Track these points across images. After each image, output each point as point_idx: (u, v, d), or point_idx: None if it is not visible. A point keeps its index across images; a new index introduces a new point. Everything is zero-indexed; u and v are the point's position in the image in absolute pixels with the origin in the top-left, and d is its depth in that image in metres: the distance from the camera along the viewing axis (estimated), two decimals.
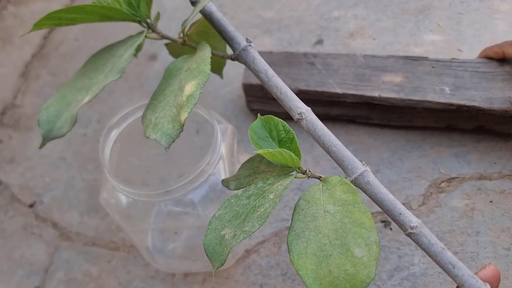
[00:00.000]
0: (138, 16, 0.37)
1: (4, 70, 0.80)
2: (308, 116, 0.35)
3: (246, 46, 0.36)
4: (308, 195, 0.33)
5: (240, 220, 0.32)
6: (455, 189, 0.57)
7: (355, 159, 0.34)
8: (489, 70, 0.57)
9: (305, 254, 0.30)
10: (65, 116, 0.36)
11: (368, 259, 0.29)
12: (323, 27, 0.75)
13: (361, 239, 0.30)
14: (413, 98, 0.56)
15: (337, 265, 0.30)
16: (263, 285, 0.53)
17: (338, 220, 0.31)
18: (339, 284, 0.30)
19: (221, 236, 0.32)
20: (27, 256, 0.60)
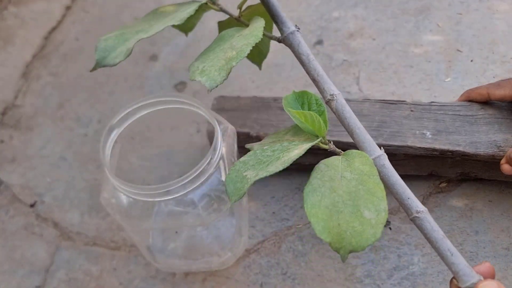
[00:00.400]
0: None
1: (5, 70, 0.80)
2: (338, 99, 0.37)
3: (294, 30, 0.39)
4: (328, 162, 0.36)
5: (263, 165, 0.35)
6: (454, 189, 0.57)
7: (374, 144, 0.36)
8: (470, 114, 0.53)
9: (318, 206, 0.33)
10: (121, 49, 0.39)
11: (375, 222, 0.32)
12: (323, 27, 0.75)
13: (372, 205, 0.33)
14: (392, 144, 0.51)
15: (346, 221, 0.32)
16: (263, 285, 0.53)
17: (353, 185, 0.34)
18: (345, 238, 0.32)
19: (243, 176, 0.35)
20: (28, 255, 0.60)
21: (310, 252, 0.55)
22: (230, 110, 0.59)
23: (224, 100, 0.61)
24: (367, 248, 0.54)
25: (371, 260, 0.53)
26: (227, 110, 0.60)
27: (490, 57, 0.66)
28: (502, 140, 0.51)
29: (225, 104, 0.60)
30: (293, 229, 0.57)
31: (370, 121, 0.54)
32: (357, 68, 0.69)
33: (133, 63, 0.77)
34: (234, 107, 0.60)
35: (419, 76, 0.66)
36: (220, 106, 0.60)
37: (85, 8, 0.86)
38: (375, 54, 0.70)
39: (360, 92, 0.66)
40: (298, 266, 0.54)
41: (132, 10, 0.84)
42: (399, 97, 0.65)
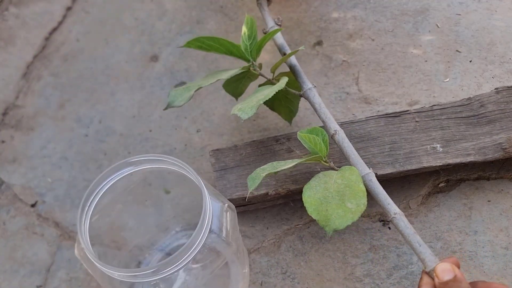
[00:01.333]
0: (249, 58, 0.55)
1: (5, 71, 0.80)
2: (340, 133, 0.51)
3: (311, 87, 0.54)
4: (326, 172, 0.48)
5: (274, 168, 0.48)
6: (453, 189, 0.57)
7: (365, 165, 0.48)
8: (472, 113, 0.55)
9: (313, 197, 0.45)
10: (184, 96, 0.54)
11: (355, 210, 0.43)
12: (322, 28, 0.75)
13: (354, 199, 0.44)
14: (409, 168, 0.52)
15: (332, 208, 0.44)
16: (263, 284, 0.54)
17: (342, 187, 0.45)
18: (331, 219, 0.44)
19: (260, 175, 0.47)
20: (29, 255, 0.60)
21: (309, 251, 0.55)
22: (234, 167, 0.56)
23: (222, 155, 0.57)
24: (366, 248, 0.54)
25: (370, 259, 0.53)
26: (230, 168, 0.56)
27: (489, 57, 0.67)
28: (505, 140, 0.53)
29: (225, 160, 0.57)
30: (292, 228, 0.57)
31: (381, 145, 0.55)
32: (356, 69, 0.69)
33: (133, 64, 0.77)
34: (236, 161, 0.56)
35: (418, 76, 0.67)
36: (221, 165, 0.57)
37: (85, 9, 0.87)
38: (374, 54, 0.70)
39: (360, 92, 0.67)
40: (298, 266, 0.54)
41: (132, 11, 0.84)
42: (398, 97, 0.65)
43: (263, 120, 0.67)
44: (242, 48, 0.54)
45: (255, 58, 0.55)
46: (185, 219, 0.57)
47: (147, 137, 0.69)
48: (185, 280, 0.49)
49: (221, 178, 0.56)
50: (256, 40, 0.54)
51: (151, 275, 0.39)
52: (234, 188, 0.55)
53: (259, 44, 0.54)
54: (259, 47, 0.54)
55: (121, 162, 0.45)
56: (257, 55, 0.55)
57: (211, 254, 0.45)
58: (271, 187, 0.54)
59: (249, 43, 0.54)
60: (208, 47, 0.55)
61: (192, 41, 0.55)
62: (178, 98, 0.54)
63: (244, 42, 0.54)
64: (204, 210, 0.41)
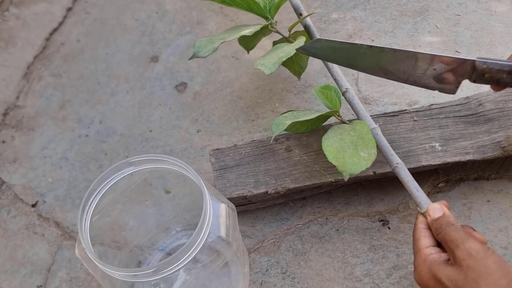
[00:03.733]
0: (267, 15, 0.58)
1: (6, 71, 0.81)
2: (350, 92, 0.55)
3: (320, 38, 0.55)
4: (339, 125, 0.52)
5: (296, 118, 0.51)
6: (453, 189, 0.57)
7: (371, 120, 0.53)
8: (470, 112, 0.55)
9: (331, 146, 0.49)
10: (209, 47, 0.57)
11: (367, 158, 0.48)
12: (322, 29, 0.75)
13: (366, 149, 0.49)
14: (408, 167, 0.52)
15: (348, 155, 0.48)
16: (263, 283, 0.54)
17: (355, 138, 0.50)
18: (347, 165, 0.47)
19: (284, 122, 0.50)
20: (30, 255, 0.60)
21: (309, 251, 0.55)
22: (233, 167, 0.56)
23: (222, 154, 0.57)
24: (366, 247, 0.54)
25: (370, 259, 0.54)
26: (230, 167, 0.56)
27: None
28: (504, 139, 0.53)
29: (225, 159, 0.57)
30: (292, 228, 0.57)
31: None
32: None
33: (134, 64, 0.78)
34: (236, 161, 0.56)
35: None
36: (221, 164, 0.57)
37: (86, 10, 0.87)
38: None
39: (359, 92, 0.67)
40: (298, 265, 0.54)
41: (132, 12, 0.85)
42: (398, 97, 0.65)
43: (263, 120, 0.67)
44: (262, 5, 0.57)
45: (273, 16, 0.58)
46: (186, 219, 0.57)
47: (148, 137, 0.69)
48: (186, 279, 0.49)
49: (221, 177, 0.56)
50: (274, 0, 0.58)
51: (152, 275, 0.39)
52: (234, 187, 0.55)
53: (277, 4, 0.58)
54: (278, 6, 0.58)
55: (121, 162, 0.45)
56: (275, 13, 0.58)
57: (211, 253, 0.45)
58: (270, 186, 0.54)
59: (268, 1, 0.58)
60: (232, 1, 0.58)
61: None
62: (203, 49, 0.57)
63: (263, 0, 0.58)
64: (205, 210, 0.41)
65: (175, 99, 0.72)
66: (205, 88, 0.73)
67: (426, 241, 0.42)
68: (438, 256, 0.41)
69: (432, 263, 0.40)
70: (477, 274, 0.37)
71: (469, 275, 0.37)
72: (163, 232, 0.56)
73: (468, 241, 0.39)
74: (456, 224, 0.42)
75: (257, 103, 0.69)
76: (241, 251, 0.50)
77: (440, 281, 0.39)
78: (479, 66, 0.42)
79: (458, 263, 0.39)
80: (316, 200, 0.59)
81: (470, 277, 0.37)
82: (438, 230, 0.42)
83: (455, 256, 0.39)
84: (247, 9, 0.58)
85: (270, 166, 0.55)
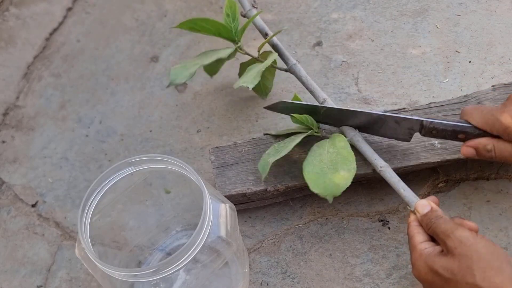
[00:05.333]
0: (235, 38, 0.60)
1: (6, 71, 0.81)
2: (328, 101, 0.56)
3: (295, 63, 0.59)
4: (319, 143, 0.53)
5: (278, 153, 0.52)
6: (453, 189, 0.57)
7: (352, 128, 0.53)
8: None
9: (312, 172, 0.50)
10: (185, 74, 0.58)
11: (347, 176, 0.49)
12: (322, 29, 0.75)
13: (346, 165, 0.50)
14: (408, 165, 0.53)
15: (329, 178, 0.49)
16: (263, 283, 0.54)
17: (334, 156, 0.51)
18: (329, 189, 0.49)
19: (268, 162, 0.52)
20: (30, 255, 0.60)
21: (309, 251, 0.55)
22: (233, 165, 0.56)
23: (222, 152, 0.57)
24: (366, 247, 0.54)
25: (370, 259, 0.54)
26: (230, 165, 0.56)
27: (488, 58, 0.67)
28: None
29: (225, 157, 0.57)
30: (292, 228, 0.57)
31: (378, 142, 0.55)
32: (356, 69, 0.70)
33: (134, 64, 0.78)
34: (236, 159, 0.57)
35: (418, 77, 0.67)
36: (220, 162, 0.57)
37: (86, 10, 0.87)
38: (373, 55, 0.71)
39: (359, 93, 0.67)
40: (298, 265, 0.54)
41: (132, 12, 0.85)
42: (398, 97, 0.65)
43: (263, 120, 0.67)
44: (228, 28, 0.58)
45: (239, 39, 0.60)
46: (186, 219, 0.57)
47: (148, 137, 0.69)
48: (186, 279, 0.49)
49: (221, 175, 0.56)
50: (238, 22, 0.58)
51: (152, 275, 0.39)
52: (234, 184, 0.55)
53: (243, 27, 0.59)
54: (243, 29, 0.59)
55: (121, 162, 0.45)
56: (241, 36, 0.60)
57: (211, 254, 0.45)
58: (270, 183, 0.54)
59: (232, 25, 0.58)
60: (200, 28, 0.59)
61: (185, 22, 0.58)
62: (179, 76, 0.59)
63: (228, 24, 0.58)
64: (205, 210, 0.41)
65: (175, 99, 0.72)
66: (205, 88, 0.73)
67: (420, 237, 0.44)
68: (432, 249, 0.42)
69: (427, 256, 0.41)
70: (470, 260, 0.38)
71: (462, 262, 0.39)
72: (163, 232, 0.56)
73: (458, 230, 0.41)
74: (445, 217, 0.43)
75: (257, 103, 0.69)
76: (241, 251, 0.50)
77: (437, 272, 0.40)
78: (426, 125, 0.49)
79: (450, 252, 0.40)
80: (316, 200, 0.59)
81: (463, 264, 0.38)
82: (428, 224, 0.44)
83: (447, 246, 0.40)
84: (215, 34, 0.59)
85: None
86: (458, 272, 0.39)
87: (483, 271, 0.38)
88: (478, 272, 0.38)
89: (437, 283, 0.40)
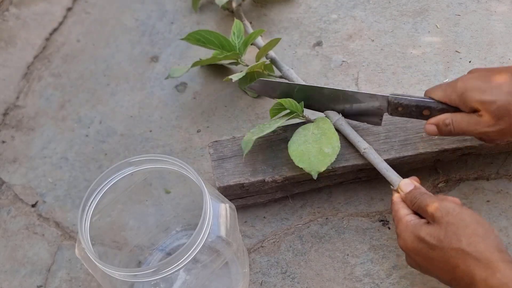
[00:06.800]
0: (238, 52, 0.66)
1: (6, 71, 0.81)
2: None
3: (289, 69, 0.65)
4: (304, 126, 0.55)
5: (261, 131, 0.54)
6: (453, 189, 0.57)
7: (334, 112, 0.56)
8: None
9: (297, 150, 0.53)
10: (181, 70, 0.68)
11: (331, 153, 0.52)
12: (322, 29, 0.75)
13: (330, 144, 0.52)
14: (406, 154, 0.53)
15: (313, 154, 0.52)
16: (263, 283, 0.54)
17: (318, 136, 0.53)
18: (313, 164, 0.51)
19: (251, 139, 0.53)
20: (30, 255, 0.61)
21: (309, 251, 0.55)
22: (231, 157, 0.57)
23: (221, 146, 0.58)
24: (366, 247, 0.54)
25: (370, 259, 0.54)
26: (228, 157, 0.57)
27: (488, 58, 0.67)
28: None
29: (223, 150, 0.57)
30: (292, 228, 0.57)
31: (376, 134, 0.55)
32: (356, 69, 0.70)
33: (134, 64, 0.78)
34: (234, 152, 0.57)
35: (418, 77, 0.67)
36: (219, 155, 0.57)
37: (86, 10, 0.87)
38: (373, 55, 0.71)
39: None
40: (298, 265, 0.54)
41: (132, 12, 0.85)
42: None
43: (263, 120, 0.67)
44: (232, 43, 0.66)
45: (242, 53, 0.66)
46: (186, 219, 0.57)
47: (148, 137, 0.69)
48: (185, 279, 0.49)
49: (219, 166, 0.56)
50: (242, 39, 0.66)
51: (152, 275, 0.39)
52: (232, 175, 0.55)
53: (245, 41, 0.66)
54: (246, 43, 0.66)
55: (121, 162, 0.45)
56: (244, 50, 0.66)
57: (211, 253, 0.45)
58: (267, 174, 0.55)
59: (237, 41, 0.66)
60: (205, 40, 0.65)
61: (192, 34, 0.65)
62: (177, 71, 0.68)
63: (233, 40, 0.66)
64: (205, 210, 0.41)
65: (175, 99, 0.72)
66: (205, 88, 0.73)
67: (404, 211, 0.46)
68: (418, 221, 0.45)
69: (414, 226, 0.44)
70: (456, 227, 0.41)
71: (448, 229, 0.41)
72: (163, 232, 0.56)
73: (444, 202, 0.43)
74: (429, 193, 0.46)
75: (257, 103, 0.69)
76: (241, 251, 0.50)
77: (423, 240, 0.42)
78: (392, 101, 0.51)
79: (437, 221, 0.42)
80: (316, 200, 0.59)
81: (450, 231, 0.41)
82: (413, 200, 0.46)
83: (434, 216, 0.43)
84: (219, 47, 0.66)
85: (268, 156, 0.56)
86: (445, 238, 0.41)
87: (469, 237, 0.40)
88: (465, 238, 0.40)
89: (423, 250, 0.43)
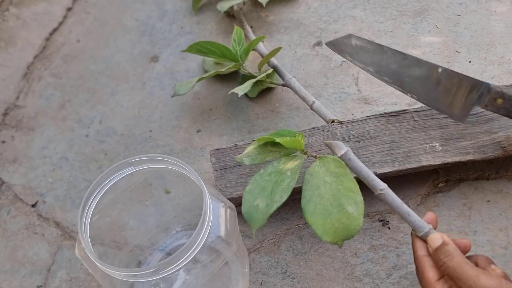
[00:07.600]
0: (239, 60, 0.66)
1: (6, 71, 0.81)
2: (316, 103, 0.59)
3: (291, 77, 0.64)
4: (311, 171, 0.47)
5: (267, 192, 0.46)
6: (453, 189, 0.57)
7: (341, 143, 0.48)
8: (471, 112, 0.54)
9: (315, 213, 0.44)
10: (187, 86, 0.66)
11: (357, 214, 0.43)
12: (322, 29, 0.75)
13: (352, 199, 0.43)
14: (409, 167, 0.53)
15: (337, 219, 0.43)
16: (263, 283, 0.54)
17: (334, 187, 0.45)
18: (339, 233, 0.43)
19: (255, 205, 0.45)
20: (30, 255, 0.61)
21: (309, 251, 0.55)
22: (234, 167, 0.56)
23: (223, 154, 0.57)
24: (366, 247, 0.54)
25: (370, 259, 0.54)
26: (231, 167, 0.56)
27: (488, 58, 0.67)
28: (504, 139, 0.53)
29: (226, 159, 0.57)
30: (292, 228, 0.57)
31: (380, 144, 0.55)
32: (356, 69, 0.70)
33: (134, 64, 0.78)
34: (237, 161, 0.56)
35: None
36: (221, 164, 0.57)
37: (86, 10, 0.87)
38: None
39: (359, 92, 0.67)
40: (298, 265, 0.54)
41: (133, 12, 0.85)
42: (398, 97, 0.65)
43: (263, 120, 0.67)
44: (233, 51, 0.65)
45: (244, 60, 0.66)
46: (186, 219, 0.57)
47: (148, 137, 0.69)
48: (185, 279, 0.49)
49: (221, 177, 0.56)
50: (243, 46, 0.66)
51: (152, 275, 0.39)
52: (235, 187, 0.55)
53: (246, 49, 0.65)
54: (247, 51, 0.65)
55: (121, 162, 0.45)
56: (245, 58, 0.66)
57: (211, 254, 0.45)
58: None
59: (238, 48, 0.66)
60: (207, 51, 0.65)
61: (193, 45, 0.65)
62: (183, 88, 0.67)
63: (234, 48, 0.66)
64: (204, 210, 0.41)
65: (175, 99, 0.72)
66: (205, 88, 0.73)
67: (432, 274, 0.41)
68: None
69: None
70: None
71: None
72: (163, 232, 0.56)
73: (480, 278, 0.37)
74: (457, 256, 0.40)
75: (257, 103, 0.69)
76: (241, 251, 0.50)
77: None
78: (493, 89, 0.44)
79: None
80: None
81: None
82: (439, 262, 0.41)
83: None
84: (220, 56, 0.66)
85: None
86: None
87: None
88: None
89: None
